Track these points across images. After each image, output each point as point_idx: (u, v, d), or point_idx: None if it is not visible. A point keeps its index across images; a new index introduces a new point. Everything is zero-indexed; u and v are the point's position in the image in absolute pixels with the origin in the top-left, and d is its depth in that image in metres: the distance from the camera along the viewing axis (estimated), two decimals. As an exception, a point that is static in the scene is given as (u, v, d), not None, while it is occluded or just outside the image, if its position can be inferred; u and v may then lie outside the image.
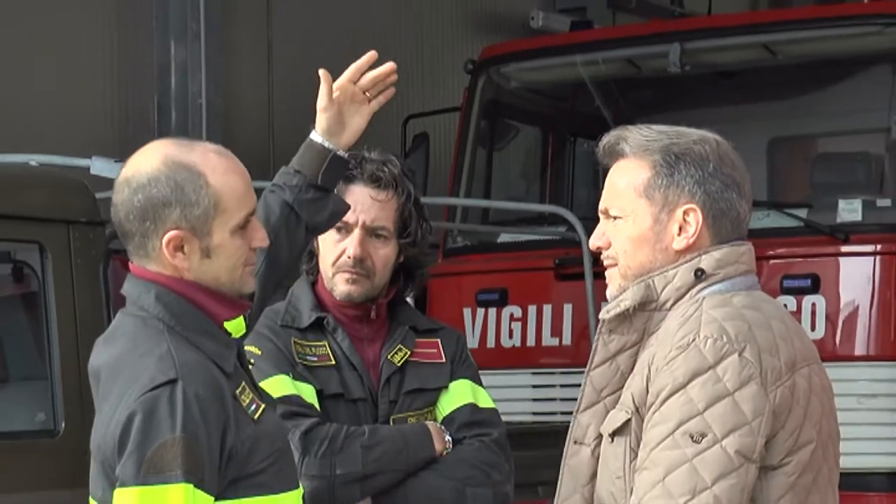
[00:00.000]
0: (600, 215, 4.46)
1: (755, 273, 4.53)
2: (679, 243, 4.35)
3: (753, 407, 4.10)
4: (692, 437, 4.09)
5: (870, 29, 10.66)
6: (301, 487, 4.76)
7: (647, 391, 4.20)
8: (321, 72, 5.41)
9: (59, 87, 13.24)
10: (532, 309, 10.85)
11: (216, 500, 4.42)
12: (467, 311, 11.24)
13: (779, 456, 4.16)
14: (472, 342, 11.09)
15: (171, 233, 4.40)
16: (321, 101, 5.38)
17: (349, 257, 5.56)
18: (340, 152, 5.36)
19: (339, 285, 5.60)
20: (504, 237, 11.61)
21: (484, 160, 12.06)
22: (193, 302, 4.52)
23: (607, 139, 4.48)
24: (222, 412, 4.36)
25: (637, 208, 4.40)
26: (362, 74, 5.48)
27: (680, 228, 4.33)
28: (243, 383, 4.57)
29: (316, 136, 5.33)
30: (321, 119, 5.37)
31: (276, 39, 15.37)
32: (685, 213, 4.33)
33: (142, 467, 4.30)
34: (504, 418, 5.95)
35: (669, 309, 4.34)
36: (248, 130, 14.11)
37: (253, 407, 4.56)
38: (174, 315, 4.49)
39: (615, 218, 4.44)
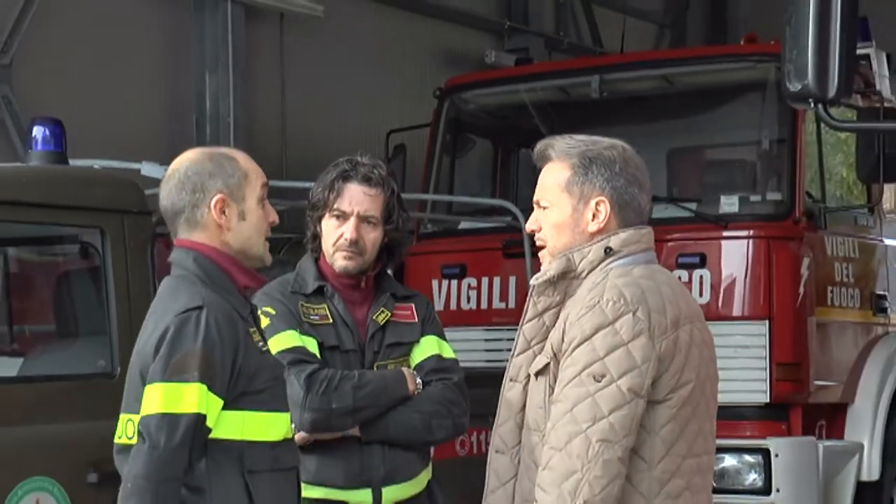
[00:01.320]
0: (534, 205, 4.50)
1: (654, 250, 4.52)
2: (592, 227, 4.41)
3: (643, 354, 4.19)
4: (594, 378, 4.18)
5: (744, 64, 10.81)
6: (289, 413, 4.87)
7: (563, 341, 4.24)
8: None
9: (118, 108, 13.18)
10: (485, 280, 10.92)
11: (228, 407, 4.61)
12: (435, 282, 11.31)
13: (663, 392, 4.23)
14: (439, 305, 11.10)
15: (217, 196, 4.71)
16: None
17: (346, 240, 5.58)
18: None
19: (338, 261, 5.63)
20: (464, 225, 11.62)
21: (448, 165, 12.13)
22: (221, 267, 4.69)
23: (539, 147, 4.60)
24: (235, 338, 4.62)
25: (560, 200, 4.46)
26: None
27: (593, 216, 4.41)
28: (253, 329, 4.79)
29: None
30: None
31: (288, 71, 15.30)
32: (597, 203, 4.40)
33: (168, 369, 4.52)
34: (462, 365, 5.93)
35: (584, 277, 4.37)
36: (265, 142, 14.07)
37: (260, 344, 4.81)
38: (206, 272, 4.71)
39: (544, 208, 4.51)
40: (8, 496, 6.37)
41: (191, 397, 4.48)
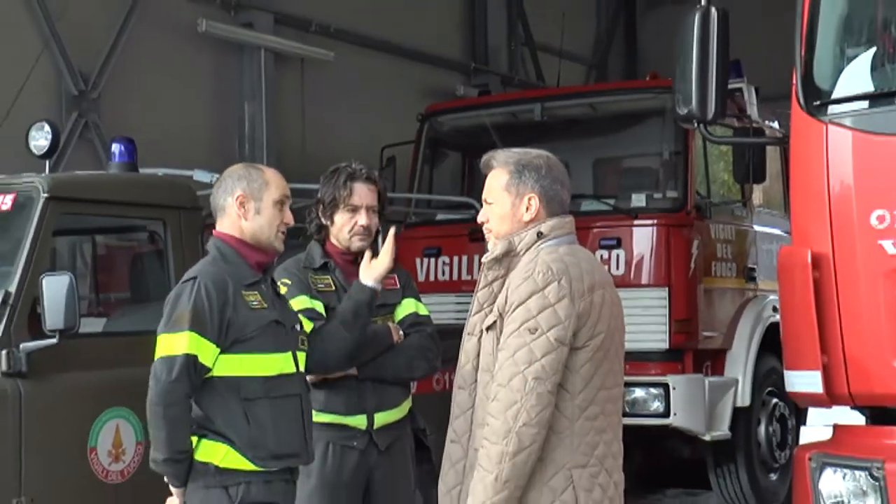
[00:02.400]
0: (483, 202, 4.51)
1: (575, 234, 4.48)
2: (527, 217, 4.40)
3: (565, 313, 4.16)
4: (529, 331, 4.17)
5: (649, 95, 10.74)
6: (291, 353, 4.92)
7: (506, 303, 4.21)
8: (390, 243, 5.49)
9: (178, 129, 13.18)
10: (455, 258, 10.87)
11: (225, 352, 4.72)
12: (418, 260, 11.26)
13: (581, 341, 4.19)
14: (421, 277, 11.09)
15: (239, 191, 4.82)
16: (388, 263, 5.47)
17: (361, 226, 5.57)
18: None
19: (355, 243, 5.60)
20: (440, 217, 11.57)
21: (428, 172, 12.04)
22: (235, 248, 4.78)
23: (484, 158, 4.62)
24: (224, 298, 4.71)
25: (502, 198, 4.46)
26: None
27: (527, 208, 4.39)
28: (258, 293, 4.84)
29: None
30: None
31: (306, 102, 15.23)
32: (529, 199, 4.39)
33: (167, 323, 4.69)
34: (437, 322, 5.92)
35: (522, 255, 4.34)
36: (289, 156, 14.05)
37: (255, 303, 4.81)
38: (222, 253, 4.86)
39: (490, 204, 4.49)
40: (96, 420, 6.48)
41: (182, 343, 4.60)
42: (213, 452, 4.65)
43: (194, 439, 4.69)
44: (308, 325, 5.26)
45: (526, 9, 19.13)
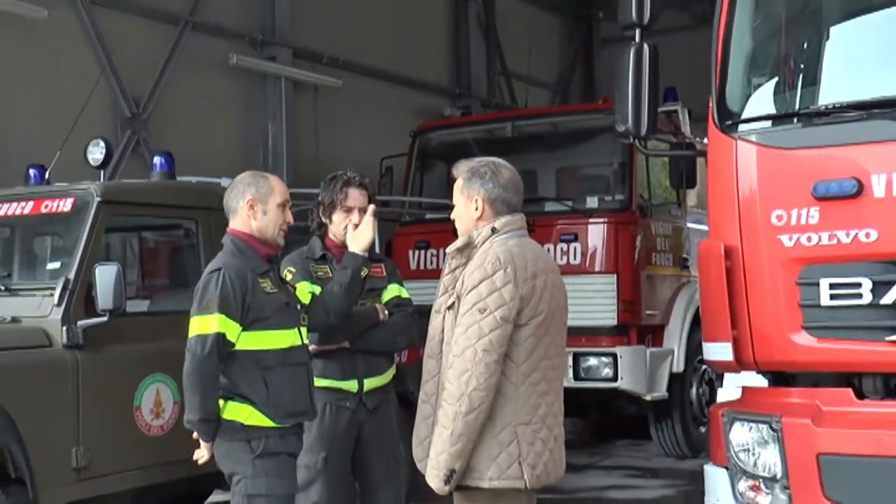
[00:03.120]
0: (453, 203, 4.49)
1: (525, 229, 4.44)
2: (475, 215, 4.39)
3: (510, 296, 4.13)
4: (479, 311, 4.14)
5: (600, 115, 10.52)
6: (297, 329, 4.93)
7: (462, 287, 4.20)
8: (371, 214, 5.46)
9: (211, 145, 13.24)
10: (441, 251, 10.77)
11: (246, 330, 4.74)
12: (411, 252, 11.28)
13: (525, 319, 4.16)
14: (413, 266, 11.14)
15: (249, 195, 4.85)
16: (370, 233, 5.43)
17: (354, 224, 5.49)
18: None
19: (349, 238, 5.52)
20: (429, 216, 11.49)
21: (419, 179, 11.96)
22: (248, 243, 4.79)
23: (453, 168, 4.60)
24: (244, 286, 4.74)
25: (459, 199, 4.47)
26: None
27: (475, 208, 4.34)
28: (269, 280, 4.87)
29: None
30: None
31: (319, 122, 15.26)
32: (476, 200, 4.35)
33: (199, 306, 4.70)
34: (425, 302, 5.65)
35: (479, 247, 4.31)
36: (305, 167, 14.19)
37: (268, 289, 4.84)
38: (237, 247, 4.84)
39: (454, 205, 4.50)
40: (140, 384, 6.52)
41: (213, 324, 4.62)
42: (238, 412, 4.70)
43: (221, 402, 4.73)
44: (306, 298, 5.24)
45: (501, 44, 19.12)
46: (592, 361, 10.22)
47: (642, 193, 10.66)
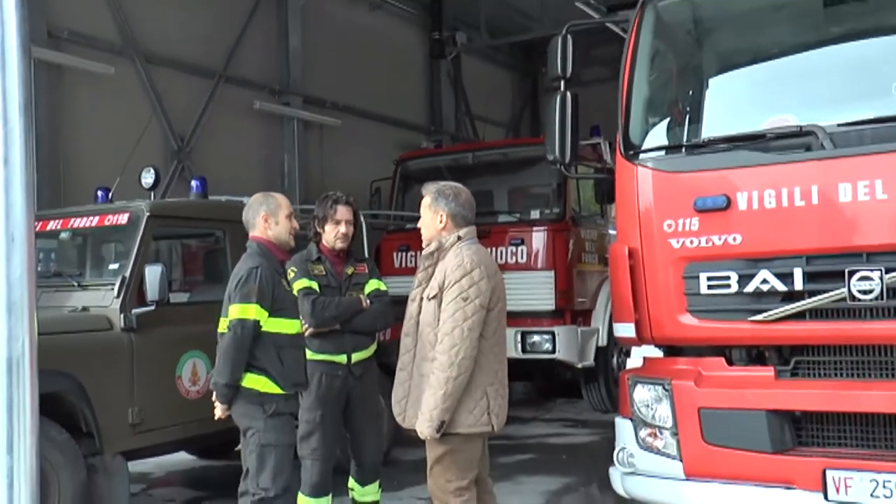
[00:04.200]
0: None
1: (476, 238, 4.43)
2: (439, 226, 4.40)
3: (486, 287, 4.16)
4: (463, 299, 4.13)
5: (541, 147, 9.91)
6: (299, 318, 4.91)
7: (445, 281, 4.18)
8: None
9: (238, 172, 13.12)
10: (418, 253, 10.39)
11: (271, 317, 4.74)
12: (395, 254, 11.23)
13: (492, 305, 4.22)
14: (397, 264, 11.07)
15: (263, 212, 4.70)
16: None
17: (342, 234, 5.51)
18: None
19: (338, 244, 5.54)
20: (409, 225, 11.21)
21: (401, 198, 11.82)
22: (267, 247, 4.74)
23: (423, 188, 4.61)
24: (273, 282, 4.75)
25: (426, 213, 4.46)
26: None
27: (439, 221, 4.34)
28: (283, 279, 4.93)
29: None
30: None
31: (324, 154, 15.23)
32: (441, 215, 4.34)
33: (241, 296, 4.66)
34: (402, 292, 5.71)
35: (447, 250, 4.31)
36: (314, 189, 13.94)
37: (285, 285, 4.93)
38: (261, 251, 4.74)
39: (421, 216, 4.51)
40: (180, 358, 6.49)
41: (252, 311, 4.60)
42: (255, 382, 4.73)
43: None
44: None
45: (466, 92, 19.06)
46: (536, 338, 10.21)
47: (574, 207, 10.63)
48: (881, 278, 4.26)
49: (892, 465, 4.20)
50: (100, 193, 7.59)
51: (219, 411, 4.78)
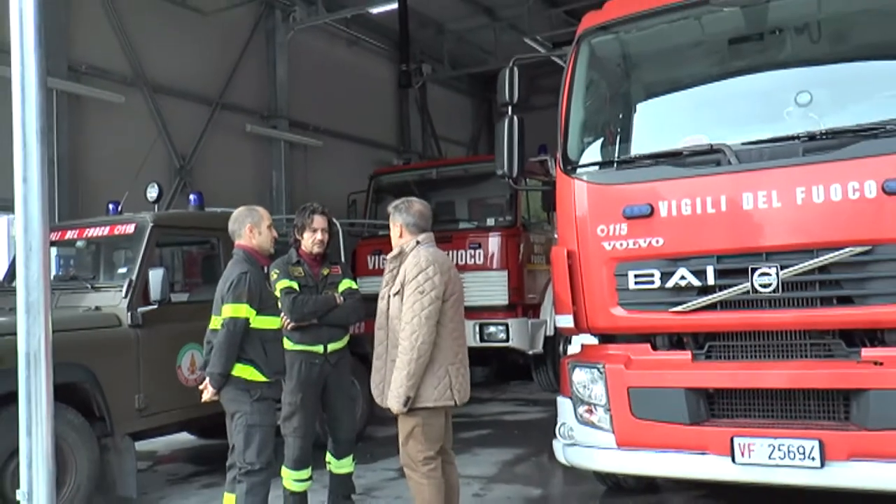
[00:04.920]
0: None
1: (434, 242, 4.42)
2: (398, 234, 4.35)
3: (439, 281, 4.14)
4: (420, 293, 4.12)
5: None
6: (280, 315, 4.86)
7: (405, 279, 4.17)
8: None
9: (232, 187, 13.02)
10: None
11: (258, 315, 4.66)
12: (369, 257, 11.14)
13: (447, 297, 4.21)
14: (371, 266, 10.98)
15: (248, 223, 4.64)
16: None
17: (318, 240, 5.45)
18: None
19: (315, 249, 5.48)
20: (382, 232, 11.12)
21: (374, 208, 11.69)
22: (252, 254, 4.61)
23: (390, 205, 4.56)
24: (260, 282, 4.54)
25: (391, 225, 4.43)
26: None
27: (398, 230, 4.32)
28: (267, 281, 4.65)
29: None
30: None
31: (309, 171, 15.15)
32: (399, 225, 4.35)
33: (234, 296, 4.57)
34: (374, 291, 5.71)
35: (409, 253, 4.29)
36: (299, 202, 13.65)
37: (269, 287, 4.88)
38: (247, 258, 4.64)
39: (389, 227, 4.45)
40: (181, 350, 6.46)
41: (243, 310, 4.54)
42: (243, 371, 4.67)
43: None
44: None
45: (431, 116, 19.04)
46: (492, 329, 10.20)
47: (524, 215, 10.62)
48: (777, 274, 4.34)
49: (786, 431, 4.28)
50: (111, 206, 7.55)
51: (207, 395, 4.75)
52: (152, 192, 7.28)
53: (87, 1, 11.53)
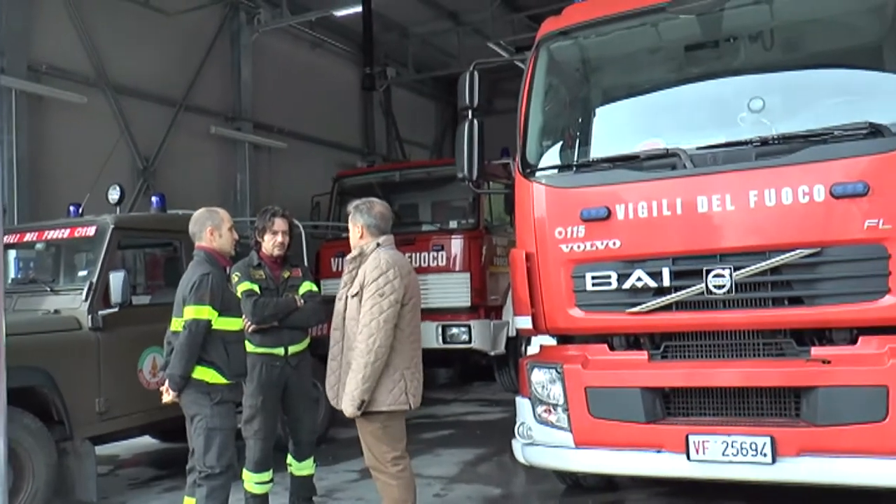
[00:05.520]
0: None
1: (394, 244, 4.42)
2: (358, 236, 4.36)
3: (399, 284, 4.13)
4: (380, 296, 4.10)
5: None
6: (242, 316, 4.80)
7: (365, 281, 4.15)
8: None
9: (196, 189, 12.90)
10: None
11: (220, 316, 4.62)
12: (332, 259, 10.98)
13: (406, 300, 4.19)
14: (334, 268, 10.83)
15: (210, 226, 4.58)
16: None
17: (279, 243, 5.42)
18: None
19: (275, 251, 5.44)
20: (344, 234, 11.10)
21: (339, 210, 11.50)
22: (213, 255, 4.58)
23: (348, 207, 4.57)
24: (222, 286, 4.50)
25: (350, 226, 4.43)
26: None
27: (359, 232, 4.31)
28: (228, 283, 4.68)
29: None
30: None
31: (273, 173, 15.08)
32: (359, 227, 4.34)
33: (196, 298, 4.52)
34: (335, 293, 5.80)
35: (369, 255, 4.29)
36: (263, 203, 13.53)
37: (231, 289, 4.89)
38: (208, 259, 4.60)
39: (349, 229, 4.43)
40: (142, 353, 6.39)
41: (205, 312, 4.50)
42: (205, 374, 4.62)
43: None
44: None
45: (395, 119, 19.04)
46: (455, 330, 10.15)
47: (487, 218, 10.58)
48: (731, 275, 4.41)
49: (739, 428, 4.35)
50: (71, 208, 7.46)
51: (167, 397, 4.70)
52: (114, 194, 7.19)
53: (48, 0, 11.37)
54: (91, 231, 6.50)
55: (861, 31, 4.80)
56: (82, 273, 6.53)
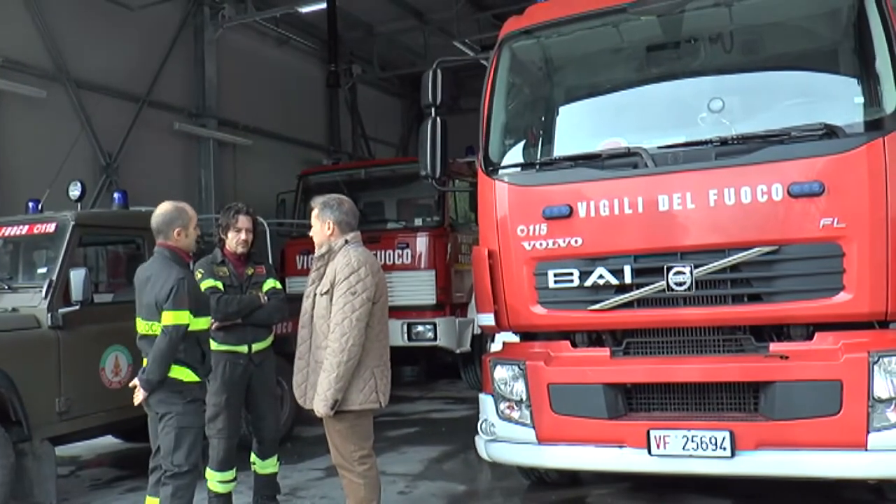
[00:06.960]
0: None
1: (361, 241, 4.39)
2: (328, 233, 4.33)
3: (371, 283, 4.11)
4: (352, 294, 4.08)
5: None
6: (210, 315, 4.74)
7: (335, 279, 4.11)
8: None
9: (158, 186, 12.74)
10: None
11: (194, 317, 4.50)
12: (297, 256, 11.03)
13: (376, 298, 4.17)
14: (299, 266, 10.84)
15: (177, 226, 4.50)
16: None
17: (243, 240, 5.39)
18: None
19: (239, 248, 5.42)
20: (309, 232, 11.20)
21: (303, 208, 11.44)
22: (179, 255, 4.51)
23: (312, 202, 4.55)
24: (195, 286, 4.44)
25: (315, 223, 4.41)
26: None
27: (328, 228, 4.29)
28: (201, 283, 4.61)
29: None
30: None
31: (237, 169, 14.98)
32: (328, 223, 4.30)
33: (175, 303, 4.39)
34: (299, 292, 5.66)
35: (337, 253, 4.25)
36: (227, 200, 13.60)
37: (199, 285, 4.75)
38: (174, 258, 4.52)
39: (312, 226, 4.45)
40: (105, 351, 6.31)
41: (184, 317, 4.41)
42: (180, 373, 4.51)
43: None
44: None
45: (361, 117, 18.96)
46: (420, 328, 10.19)
47: (452, 216, 10.61)
48: (691, 273, 4.47)
49: (699, 423, 4.42)
50: (31, 205, 7.34)
51: (139, 398, 4.63)
52: (75, 191, 7.09)
53: (5, -8, 11.20)
54: (51, 227, 6.42)
55: (818, 35, 4.88)
56: (42, 270, 6.44)
